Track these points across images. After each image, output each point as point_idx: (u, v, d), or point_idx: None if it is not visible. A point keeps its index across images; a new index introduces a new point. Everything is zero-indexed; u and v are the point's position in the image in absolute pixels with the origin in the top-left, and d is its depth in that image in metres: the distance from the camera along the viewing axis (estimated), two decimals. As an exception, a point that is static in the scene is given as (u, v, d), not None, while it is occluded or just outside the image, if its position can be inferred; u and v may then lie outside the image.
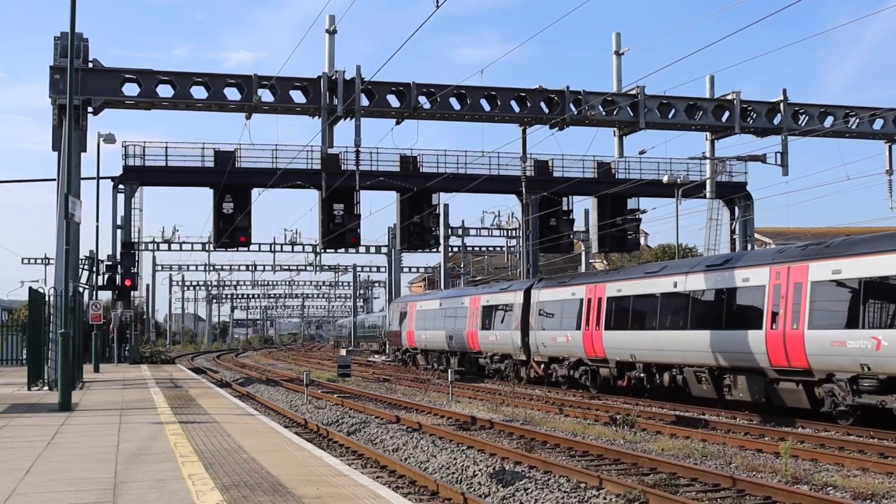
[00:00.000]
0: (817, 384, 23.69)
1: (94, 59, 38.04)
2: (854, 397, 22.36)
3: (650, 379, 31.10)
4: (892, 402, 21.36)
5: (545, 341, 38.11)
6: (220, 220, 53.36)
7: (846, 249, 23.34)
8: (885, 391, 21.42)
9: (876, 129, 44.71)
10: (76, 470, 13.02)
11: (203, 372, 52.92)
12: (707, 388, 28.05)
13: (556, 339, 37.15)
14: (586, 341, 34.48)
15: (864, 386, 22.10)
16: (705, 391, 28.20)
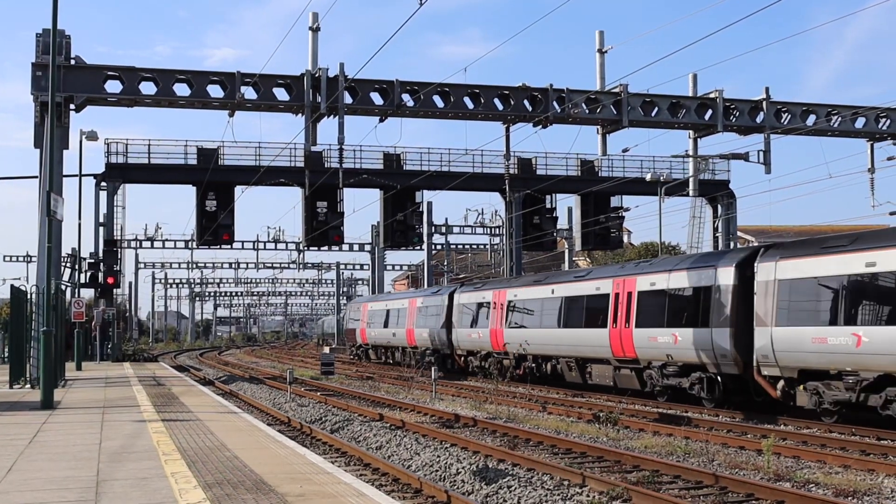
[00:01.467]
0: (642, 370, 29.83)
1: (77, 56, 37.90)
2: (663, 380, 28.69)
3: (539, 368, 36.79)
4: (686, 383, 27.73)
5: (464, 337, 44.31)
6: (202, 218, 53.20)
7: (659, 267, 30.09)
8: (682, 375, 27.93)
9: (858, 127, 44.92)
10: (58, 468, 12.97)
11: (186, 370, 52.80)
12: (575, 375, 33.95)
13: (471, 336, 43.32)
14: (493, 337, 40.44)
15: (669, 371, 28.47)
16: (574, 377, 34.02)
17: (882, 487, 14.90)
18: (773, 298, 24.03)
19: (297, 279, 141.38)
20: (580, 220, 57.19)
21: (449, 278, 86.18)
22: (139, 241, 78.36)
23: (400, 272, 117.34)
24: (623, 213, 57.79)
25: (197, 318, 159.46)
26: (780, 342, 23.61)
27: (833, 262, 22.43)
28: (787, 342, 23.42)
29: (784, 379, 23.84)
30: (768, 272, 24.38)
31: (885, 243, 21.30)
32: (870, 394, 21.15)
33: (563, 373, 34.70)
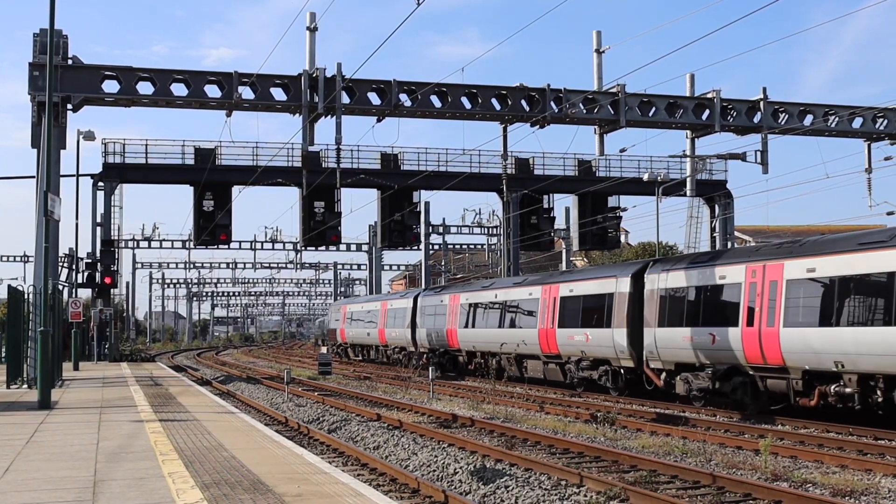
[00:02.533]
0: (564, 364, 34.44)
1: (74, 56, 37.84)
2: (579, 372, 33.21)
3: (486, 364, 40.73)
4: (596, 374, 32.35)
5: (425, 336, 49.10)
6: (200, 218, 53.20)
7: (577, 276, 35.78)
8: (593, 368, 32.63)
9: (855, 127, 44.92)
10: (56, 468, 12.97)
11: (183, 370, 52.78)
12: (514, 370, 38.56)
13: (431, 335, 48.12)
14: (449, 336, 45.34)
15: (583, 365, 32.95)
16: (514, 372, 38.66)
17: (879, 487, 14.91)
18: (656, 304, 28.80)
19: (295, 279, 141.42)
20: (577, 220, 57.21)
21: (446, 278, 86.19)
22: (136, 241, 78.27)
23: (397, 272, 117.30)
24: (620, 213, 57.81)
25: (194, 318, 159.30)
26: (661, 340, 28.37)
27: (696, 274, 27.41)
28: (666, 340, 28.16)
29: (665, 371, 28.49)
30: (653, 282, 29.26)
31: (731, 260, 26.45)
32: (723, 382, 25.67)
33: (505, 367, 39.44)
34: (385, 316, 56.89)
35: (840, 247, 22.82)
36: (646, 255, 77.22)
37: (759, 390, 25.01)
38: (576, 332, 33.29)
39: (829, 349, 22.25)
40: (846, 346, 21.76)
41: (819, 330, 22.66)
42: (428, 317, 48.93)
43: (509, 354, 38.76)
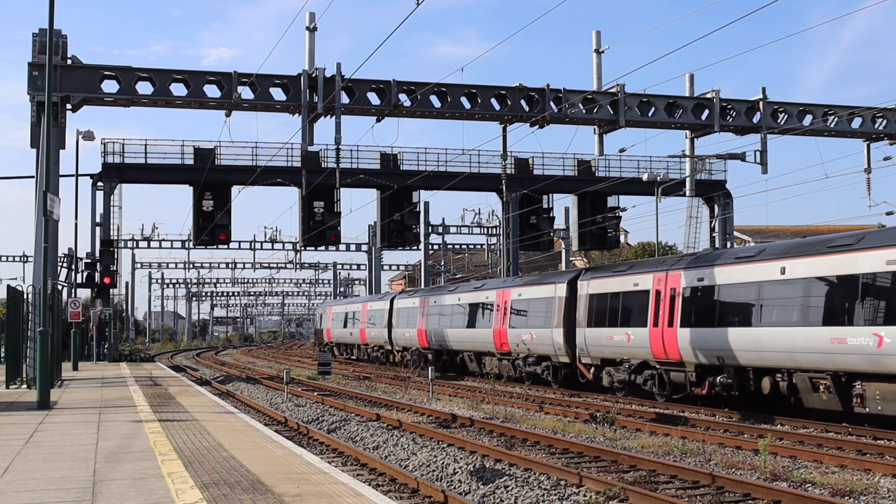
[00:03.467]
0: (514, 360, 38.70)
1: (73, 56, 37.86)
2: (526, 367, 37.53)
3: (452, 360, 46.22)
4: (539, 369, 36.73)
5: (400, 335, 53.50)
6: (199, 218, 53.18)
7: (524, 281, 39.75)
8: (537, 364, 36.93)
9: (854, 127, 44.97)
10: (55, 468, 12.96)
11: (183, 370, 52.76)
12: (475, 366, 43.05)
13: (405, 334, 52.52)
14: (420, 336, 49.84)
15: (529, 361, 37.43)
16: (474, 368, 43.11)
17: (878, 487, 14.92)
18: (585, 307, 32.95)
19: (294, 279, 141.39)
20: (577, 220, 57.19)
21: (446, 278, 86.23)
22: (136, 240, 78.32)
23: (397, 272, 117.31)
24: (620, 214, 57.79)
25: (194, 318, 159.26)
26: (590, 339, 32.55)
27: (616, 282, 31.59)
28: (594, 339, 32.37)
29: (594, 365, 32.75)
30: (584, 288, 33.45)
31: (643, 270, 30.47)
32: (636, 374, 29.86)
33: (467, 364, 44.08)
34: (365, 317, 61.50)
35: (722, 260, 27.07)
36: (645, 255, 77.28)
37: (665, 382, 28.76)
38: (523, 332, 37.50)
39: (712, 346, 26.29)
40: (725, 344, 25.74)
41: (705, 330, 26.69)
42: (402, 318, 53.46)
43: (470, 352, 43.56)
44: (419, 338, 50.01)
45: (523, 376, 37.82)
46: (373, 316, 59.69)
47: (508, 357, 39.25)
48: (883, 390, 21.00)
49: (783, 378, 24.13)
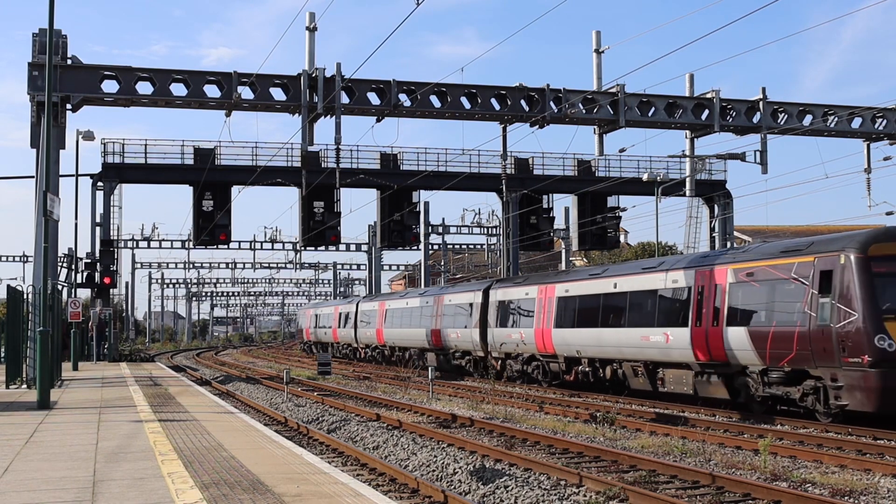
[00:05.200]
0: (446, 354, 46.07)
1: (73, 56, 37.84)
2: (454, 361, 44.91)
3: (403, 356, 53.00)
4: (464, 362, 43.68)
5: (363, 335, 60.76)
6: (199, 218, 53.18)
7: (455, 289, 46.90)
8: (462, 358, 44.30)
9: (854, 127, 44.95)
10: (55, 468, 12.97)
11: (183, 370, 52.77)
12: (420, 361, 49.17)
13: (367, 333, 59.85)
14: (378, 335, 57.08)
15: (457, 355, 44.49)
16: (420, 363, 48.84)
17: (878, 487, 14.92)
18: (495, 311, 40.09)
19: (294, 279, 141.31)
20: (577, 220, 57.18)
21: (446, 278, 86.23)
22: (136, 240, 78.31)
23: (397, 272, 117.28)
24: (620, 214, 57.79)
25: (194, 318, 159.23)
26: (496, 337, 39.79)
27: (515, 291, 38.86)
28: (499, 337, 39.44)
29: (500, 359, 39.97)
30: (494, 296, 40.62)
31: (531, 282, 37.73)
32: (526, 365, 37.45)
33: (413, 358, 50.99)
34: (337, 318, 69.17)
35: (580, 275, 34.65)
36: (645, 255, 77.27)
37: (547, 371, 35.87)
38: (451, 332, 44.58)
39: (573, 343, 33.37)
40: (581, 340, 32.87)
41: (569, 330, 33.63)
42: (365, 320, 60.70)
43: (415, 348, 50.61)
44: (378, 337, 57.13)
45: (453, 368, 45.02)
46: (342, 317, 67.12)
47: (442, 352, 46.57)
48: (672, 374, 27.88)
49: (618, 367, 30.98)
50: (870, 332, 20.92)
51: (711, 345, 25.71)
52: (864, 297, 21.20)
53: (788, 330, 22.91)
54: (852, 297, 21.38)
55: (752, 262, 24.99)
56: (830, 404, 22.04)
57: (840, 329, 21.48)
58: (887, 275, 21.63)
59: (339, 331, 67.86)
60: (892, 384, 20.54)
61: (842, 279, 21.72)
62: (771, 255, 24.51)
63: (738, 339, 24.61)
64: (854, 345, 21.12)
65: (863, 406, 21.17)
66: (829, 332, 21.71)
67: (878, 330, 20.89)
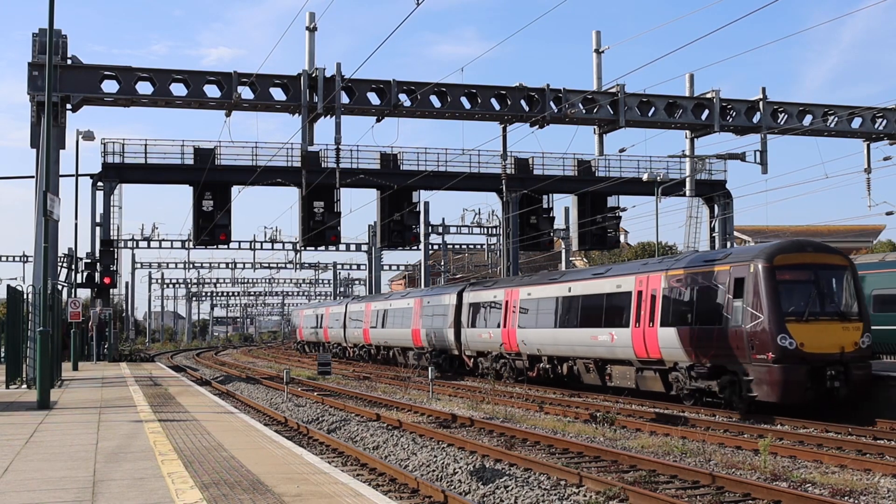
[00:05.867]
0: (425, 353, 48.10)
1: (73, 56, 37.85)
2: (432, 359, 46.02)
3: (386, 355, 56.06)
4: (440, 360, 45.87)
5: (351, 334, 64.09)
6: (199, 218, 53.20)
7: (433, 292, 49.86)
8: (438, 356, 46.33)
9: (854, 127, 44.96)
10: (55, 469, 12.97)
11: (183, 370, 52.76)
12: (401, 359, 53.02)
13: (354, 333, 63.00)
14: (364, 334, 59.96)
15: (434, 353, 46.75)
16: (401, 360, 52.94)
17: (878, 487, 14.92)
18: (467, 312, 42.77)
19: (294, 279, 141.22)
20: (577, 220, 57.20)
21: (446, 279, 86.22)
22: (136, 240, 78.30)
23: (397, 272, 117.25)
24: (620, 214, 57.81)
25: (193, 318, 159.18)
26: (469, 337, 42.43)
27: (485, 294, 41.43)
28: (471, 337, 42.18)
29: (472, 356, 42.72)
30: (466, 298, 43.27)
31: (499, 286, 40.50)
32: (495, 363, 39.71)
33: (396, 356, 54.16)
34: (328, 318, 72.45)
35: (540, 280, 37.06)
36: (645, 255, 77.25)
37: (513, 368, 38.20)
38: (430, 332, 47.13)
39: (534, 342, 35.92)
40: (541, 340, 35.44)
41: (530, 330, 36.29)
42: (353, 320, 63.95)
43: (398, 347, 53.68)
44: (364, 336, 60.05)
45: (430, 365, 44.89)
46: (332, 318, 70.63)
47: (422, 351, 48.97)
48: (617, 370, 30.62)
49: (572, 364, 33.53)
50: (774, 332, 23.63)
51: (648, 343, 28.47)
52: (770, 302, 24.00)
53: (709, 330, 25.72)
54: (760, 302, 24.15)
55: (682, 269, 27.70)
56: (743, 396, 24.63)
57: (750, 329, 24.22)
58: (790, 282, 24.58)
59: (330, 331, 71.07)
60: (793, 378, 23.34)
61: (751, 286, 24.51)
62: (696, 263, 27.39)
63: (669, 339, 27.37)
64: (761, 343, 23.88)
65: (769, 397, 23.83)
66: (742, 332, 24.44)
67: (781, 330, 23.64)
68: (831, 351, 23.88)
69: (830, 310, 24.70)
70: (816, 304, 24.56)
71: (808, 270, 24.94)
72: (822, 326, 24.18)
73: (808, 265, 25.05)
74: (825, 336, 24.03)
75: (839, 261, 25.61)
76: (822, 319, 24.35)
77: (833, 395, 23.75)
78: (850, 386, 23.79)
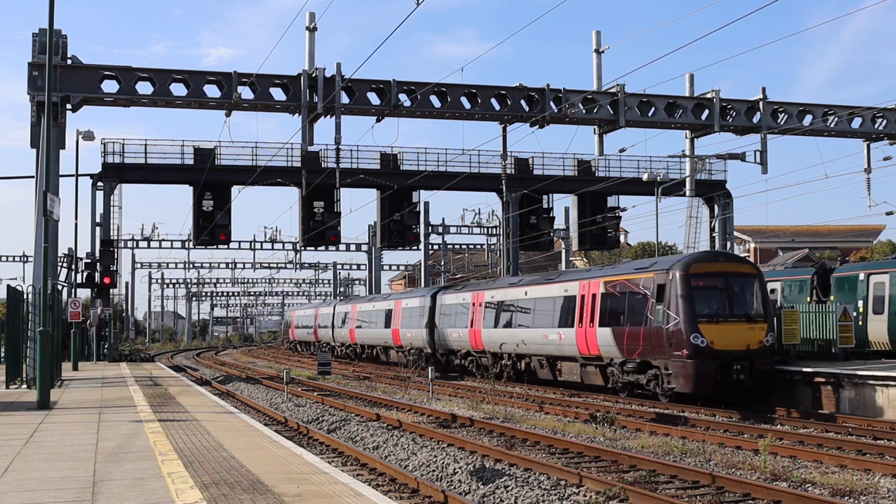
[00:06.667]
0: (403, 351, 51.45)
1: (73, 56, 37.86)
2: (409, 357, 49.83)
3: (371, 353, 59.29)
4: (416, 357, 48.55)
5: (339, 334, 67.67)
6: (199, 218, 53.20)
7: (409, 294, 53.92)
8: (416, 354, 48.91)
9: (854, 127, 44.96)
10: (55, 469, 12.97)
11: (183, 370, 52.76)
12: (382, 357, 56.40)
13: (341, 333, 66.57)
14: (350, 334, 63.58)
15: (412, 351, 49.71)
16: (383, 358, 56.31)
17: (878, 487, 14.93)
18: (439, 314, 45.96)
19: (294, 279, 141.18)
20: (577, 220, 57.20)
21: (446, 279, 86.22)
22: (136, 240, 78.29)
23: (397, 272, 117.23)
24: (620, 214, 57.80)
25: (193, 318, 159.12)
26: (441, 336, 45.65)
27: (456, 297, 44.70)
28: (443, 336, 45.40)
29: (444, 354, 46.05)
30: (440, 300, 46.43)
31: (466, 290, 44.16)
32: (464, 360, 43.17)
33: (378, 355, 57.49)
34: (318, 318, 75.98)
35: (502, 284, 40.97)
36: (645, 255, 77.25)
37: (479, 365, 41.16)
38: (407, 331, 50.29)
39: (496, 341, 39.06)
40: (502, 339, 38.60)
41: (493, 330, 39.49)
42: (339, 320, 67.45)
43: (380, 346, 57.16)
44: (351, 336, 63.72)
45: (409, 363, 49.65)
46: (322, 318, 73.95)
47: (401, 349, 52.09)
48: (566, 366, 33.88)
49: (529, 360, 36.66)
50: (688, 332, 26.77)
51: (589, 342, 31.63)
52: (684, 305, 27.17)
53: (637, 330, 28.84)
54: (677, 305, 27.32)
55: (616, 276, 31.00)
56: (664, 388, 27.70)
57: (668, 329, 27.37)
58: (703, 288, 27.80)
59: (320, 331, 74.63)
60: (704, 372, 26.44)
61: (670, 291, 27.66)
62: (628, 271, 30.70)
63: (605, 338, 30.55)
64: (677, 341, 27.00)
65: (684, 388, 26.95)
66: (662, 331, 27.59)
67: (694, 330, 26.78)
68: (738, 348, 26.94)
69: (738, 312, 27.87)
70: (726, 307, 27.86)
71: (720, 278, 28.19)
72: (731, 327, 27.27)
73: (719, 273, 28.34)
74: (733, 335, 27.09)
75: (748, 269, 29.17)
76: (731, 321, 27.48)
77: (740, 387, 26.85)
78: (754, 378, 26.97)
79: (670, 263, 28.52)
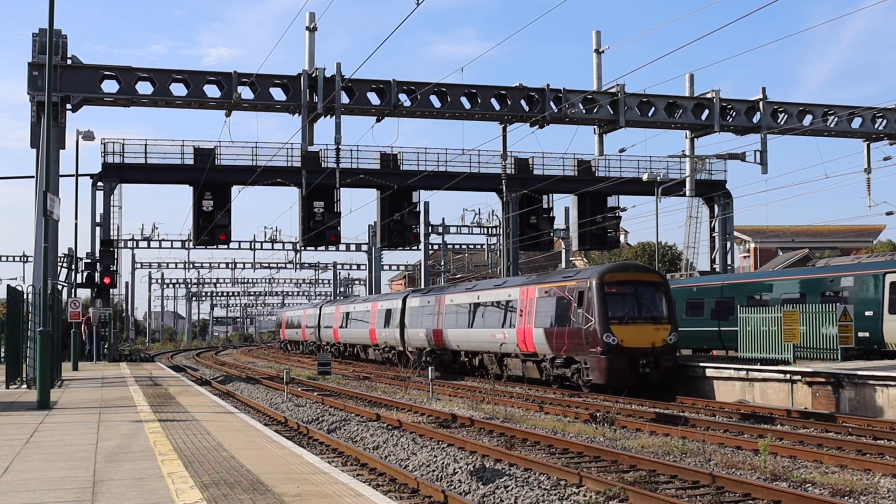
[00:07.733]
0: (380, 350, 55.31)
1: (73, 56, 37.88)
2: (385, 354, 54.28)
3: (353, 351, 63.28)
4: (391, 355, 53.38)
5: (325, 334, 71.23)
6: (199, 218, 53.20)
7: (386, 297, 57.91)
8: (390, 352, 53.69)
9: (854, 127, 44.98)
10: (55, 469, 12.97)
11: (183, 370, 52.75)
12: (362, 354, 60.31)
13: (327, 333, 70.17)
14: (334, 334, 67.53)
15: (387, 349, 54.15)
16: (363, 356, 60.08)
17: (878, 487, 14.92)
18: (409, 315, 49.50)
19: (294, 279, 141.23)
20: (577, 220, 57.20)
21: (446, 279, 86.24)
22: (136, 240, 78.29)
23: (397, 272, 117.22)
24: (620, 214, 57.80)
25: (193, 318, 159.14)
26: (410, 335, 49.43)
27: (423, 299, 47.86)
28: (412, 335, 49.00)
29: (413, 352, 48.98)
30: (409, 303, 49.87)
31: (433, 293, 47.30)
32: (431, 356, 45.42)
33: (359, 353, 61.35)
34: (306, 319, 79.42)
35: (460, 289, 44.56)
36: (645, 255, 77.24)
37: (443, 360, 44.81)
38: (383, 331, 54.01)
39: (454, 339, 43.19)
40: (458, 338, 42.69)
41: (452, 330, 43.27)
42: (325, 322, 71.15)
43: (360, 345, 61.21)
44: (334, 335, 67.70)
45: (384, 360, 54.48)
46: (310, 319, 77.59)
47: (378, 347, 55.95)
48: (510, 362, 37.78)
49: (481, 357, 40.63)
50: (601, 332, 31.17)
51: (527, 340, 35.76)
52: (599, 309, 31.49)
53: (563, 330, 33.27)
54: (592, 309, 31.67)
55: (548, 283, 35.28)
56: (584, 380, 32.08)
57: (586, 329, 31.80)
58: (615, 294, 32.02)
59: (307, 330, 78.39)
60: (615, 366, 30.77)
61: (587, 297, 32.07)
62: (557, 279, 35.18)
63: (539, 337, 34.88)
64: (593, 340, 31.41)
65: (599, 380, 31.25)
66: (581, 331, 32.03)
67: (606, 330, 31.14)
68: (644, 346, 31.25)
69: (645, 315, 32.18)
70: (634, 310, 32.14)
71: (630, 285, 32.43)
72: (638, 327, 31.61)
73: (630, 281, 32.49)
74: (640, 335, 31.43)
75: (655, 278, 33.46)
76: (639, 322, 31.79)
77: (646, 379, 31.07)
78: (659, 372, 31.26)
79: (589, 273, 32.98)
